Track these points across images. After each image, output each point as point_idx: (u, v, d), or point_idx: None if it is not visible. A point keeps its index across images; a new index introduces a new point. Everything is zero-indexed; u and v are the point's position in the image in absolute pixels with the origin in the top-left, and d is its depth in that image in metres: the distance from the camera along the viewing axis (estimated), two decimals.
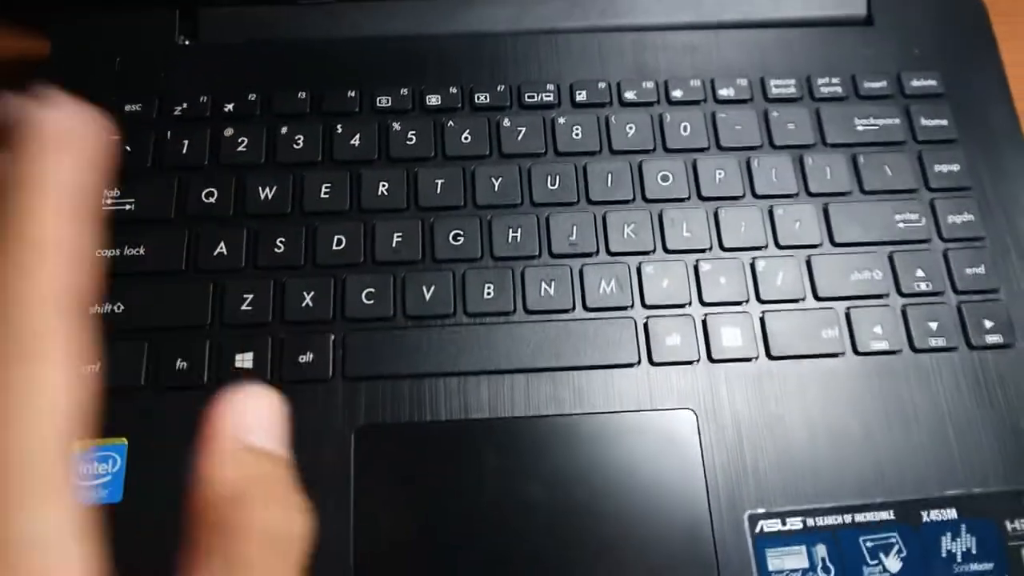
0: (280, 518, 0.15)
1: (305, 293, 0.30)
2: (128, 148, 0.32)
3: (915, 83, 0.34)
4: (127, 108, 0.33)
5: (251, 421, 0.16)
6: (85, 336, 0.14)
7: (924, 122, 0.34)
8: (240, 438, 0.15)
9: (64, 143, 0.15)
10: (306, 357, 0.29)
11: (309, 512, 0.16)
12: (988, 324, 0.31)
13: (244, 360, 0.29)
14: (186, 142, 0.32)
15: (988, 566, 0.28)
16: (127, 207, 0.31)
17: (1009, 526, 0.28)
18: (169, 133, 0.32)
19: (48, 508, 0.13)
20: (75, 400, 0.14)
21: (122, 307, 0.29)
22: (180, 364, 0.29)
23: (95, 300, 0.17)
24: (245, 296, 0.30)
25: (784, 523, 0.28)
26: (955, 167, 0.33)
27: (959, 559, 0.28)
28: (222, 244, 0.30)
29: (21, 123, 0.15)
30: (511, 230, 0.31)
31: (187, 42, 0.35)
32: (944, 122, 0.34)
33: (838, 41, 0.35)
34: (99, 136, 0.15)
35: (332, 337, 0.29)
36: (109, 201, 0.31)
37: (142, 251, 0.30)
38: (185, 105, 0.33)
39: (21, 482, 0.13)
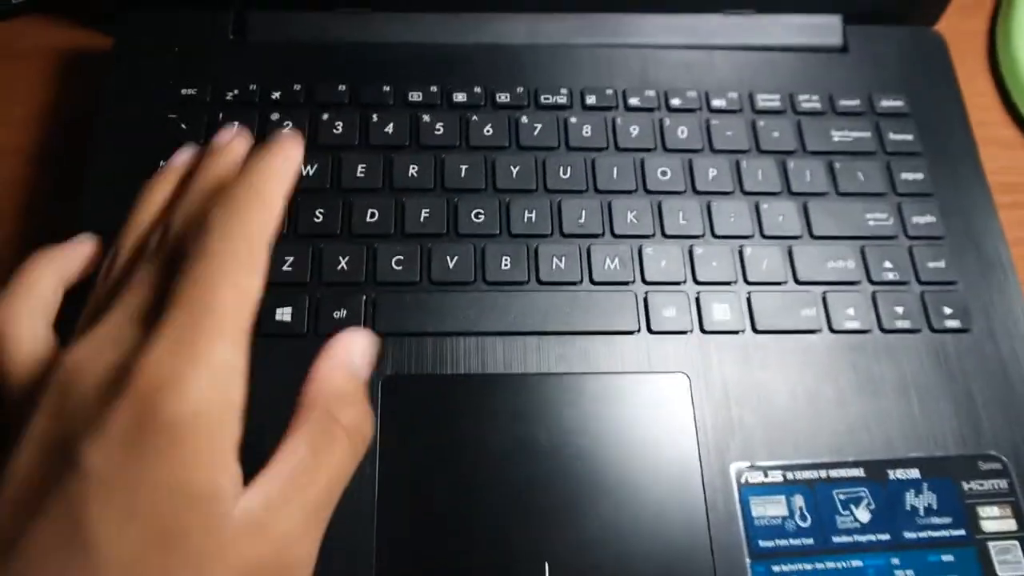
0: (362, 416, 0.23)
1: (341, 258, 0.33)
2: (183, 126, 0.35)
3: (884, 103, 0.39)
4: (183, 91, 0.36)
5: (354, 350, 0.24)
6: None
7: (892, 136, 0.38)
8: (347, 358, 0.24)
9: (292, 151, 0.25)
10: (340, 313, 0.32)
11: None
12: (947, 311, 0.35)
13: (284, 314, 0.32)
14: (236, 124, 0.35)
15: (947, 520, 0.31)
16: None
17: (966, 486, 0.32)
18: (221, 115, 0.36)
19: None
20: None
21: None
22: None
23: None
24: (286, 258, 0.33)
25: (766, 475, 0.31)
26: (919, 176, 0.37)
27: (922, 513, 0.31)
28: None
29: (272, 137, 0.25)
30: (527, 212, 0.35)
31: (237, 39, 0.39)
32: (909, 137, 0.38)
33: (817, 65, 0.40)
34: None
35: (364, 297, 0.33)
36: None
37: None
38: (236, 91, 0.36)
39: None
